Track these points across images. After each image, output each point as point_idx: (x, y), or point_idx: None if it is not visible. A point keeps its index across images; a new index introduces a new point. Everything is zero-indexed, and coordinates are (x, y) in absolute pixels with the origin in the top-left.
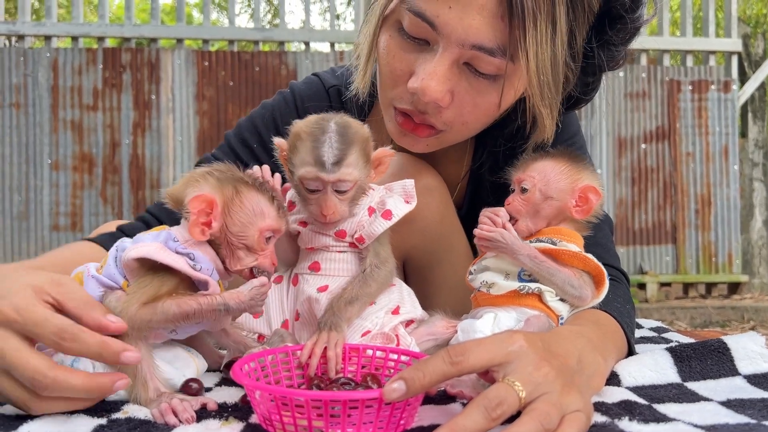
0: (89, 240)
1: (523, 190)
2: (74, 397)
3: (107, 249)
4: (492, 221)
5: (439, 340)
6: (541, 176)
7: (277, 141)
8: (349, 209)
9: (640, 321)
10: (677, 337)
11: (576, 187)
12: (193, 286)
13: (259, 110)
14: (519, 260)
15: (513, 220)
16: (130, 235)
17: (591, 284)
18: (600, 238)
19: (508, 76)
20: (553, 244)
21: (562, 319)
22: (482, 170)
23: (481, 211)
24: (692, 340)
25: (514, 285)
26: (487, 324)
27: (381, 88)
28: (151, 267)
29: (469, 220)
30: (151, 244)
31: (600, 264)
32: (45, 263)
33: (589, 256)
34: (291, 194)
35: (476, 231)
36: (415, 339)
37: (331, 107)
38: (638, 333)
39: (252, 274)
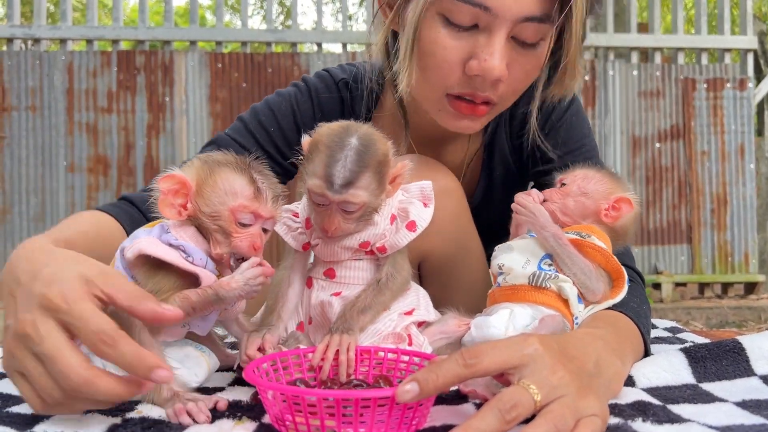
0: (97, 210)
1: (563, 185)
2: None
3: (116, 217)
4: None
5: (451, 338)
6: (583, 176)
7: (305, 141)
8: (356, 226)
9: (654, 321)
10: (692, 338)
11: (612, 195)
12: (194, 279)
13: (275, 98)
14: (543, 235)
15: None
16: (134, 202)
17: (608, 282)
18: None
19: (547, 39)
20: (582, 237)
21: (576, 319)
22: (493, 148)
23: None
24: (707, 341)
25: (531, 270)
26: (501, 320)
27: (430, 83)
28: (152, 264)
29: (481, 211)
30: (145, 239)
31: (622, 267)
32: (74, 237)
33: (614, 257)
34: (309, 210)
35: (516, 199)
36: (427, 337)
37: (341, 99)
38: (653, 333)
39: (236, 260)
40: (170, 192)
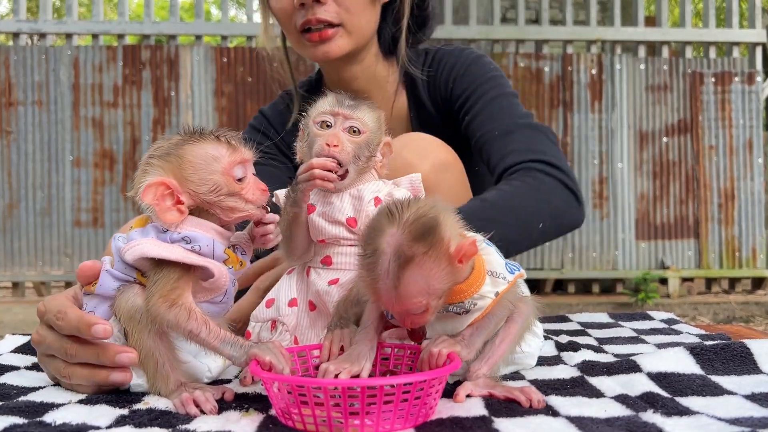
0: None
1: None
2: (95, 365)
3: None
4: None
5: None
6: (430, 297)
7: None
8: (354, 166)
9: (654, 314)
10: (687, 329)
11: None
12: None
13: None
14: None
15: None
16: None
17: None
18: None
19: None
20: (468, 311)
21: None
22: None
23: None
24: (707, 336)
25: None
26: None
27: (287, 30)
28: (154, 259)
29: None
30: (143, 241)
31: (478, 262)
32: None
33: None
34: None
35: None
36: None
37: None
38: (648, 325)
39: (259, 221)
40: (159, 198)
